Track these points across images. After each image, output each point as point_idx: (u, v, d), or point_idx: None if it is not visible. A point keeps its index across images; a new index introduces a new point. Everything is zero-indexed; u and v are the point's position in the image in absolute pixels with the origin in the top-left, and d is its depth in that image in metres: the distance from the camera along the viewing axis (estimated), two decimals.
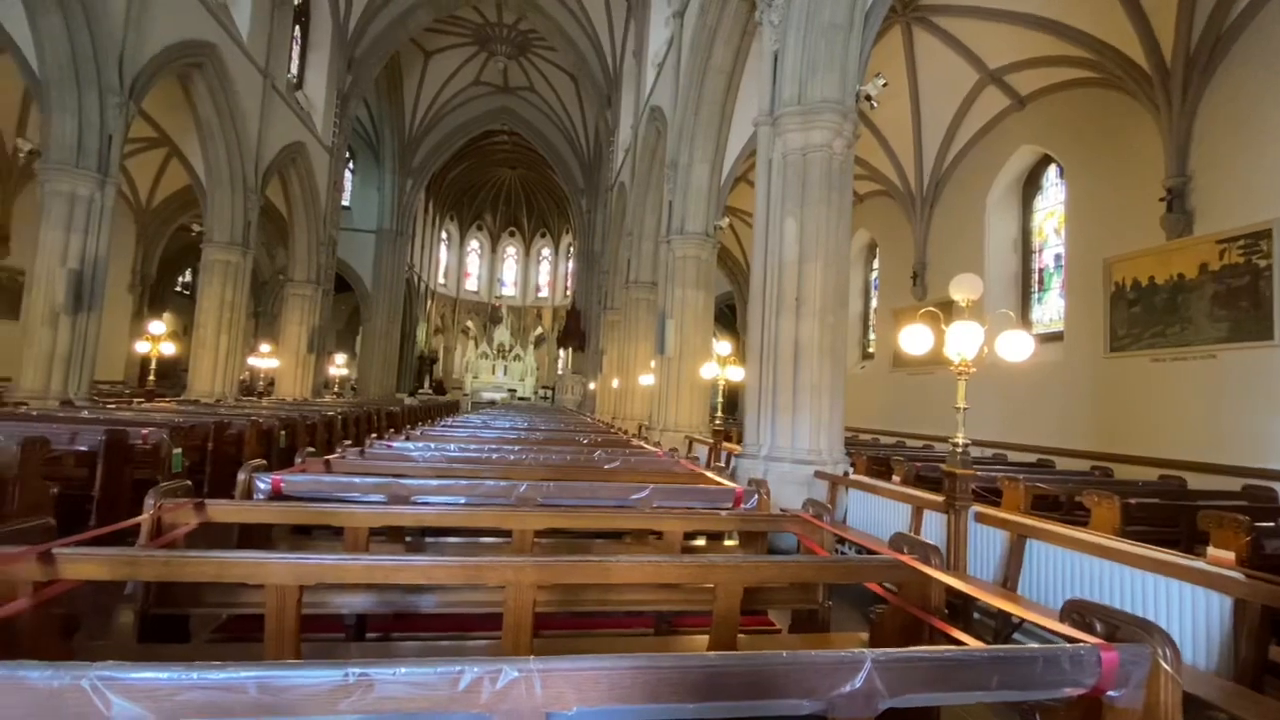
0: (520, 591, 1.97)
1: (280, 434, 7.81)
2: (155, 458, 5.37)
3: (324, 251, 19.19)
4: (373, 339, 26.35)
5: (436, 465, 4.69)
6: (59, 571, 1.78)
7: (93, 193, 9.75)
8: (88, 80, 9.59)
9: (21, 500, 4.04)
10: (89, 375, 9.86)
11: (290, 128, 16.50)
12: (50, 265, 9.46)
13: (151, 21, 10.66)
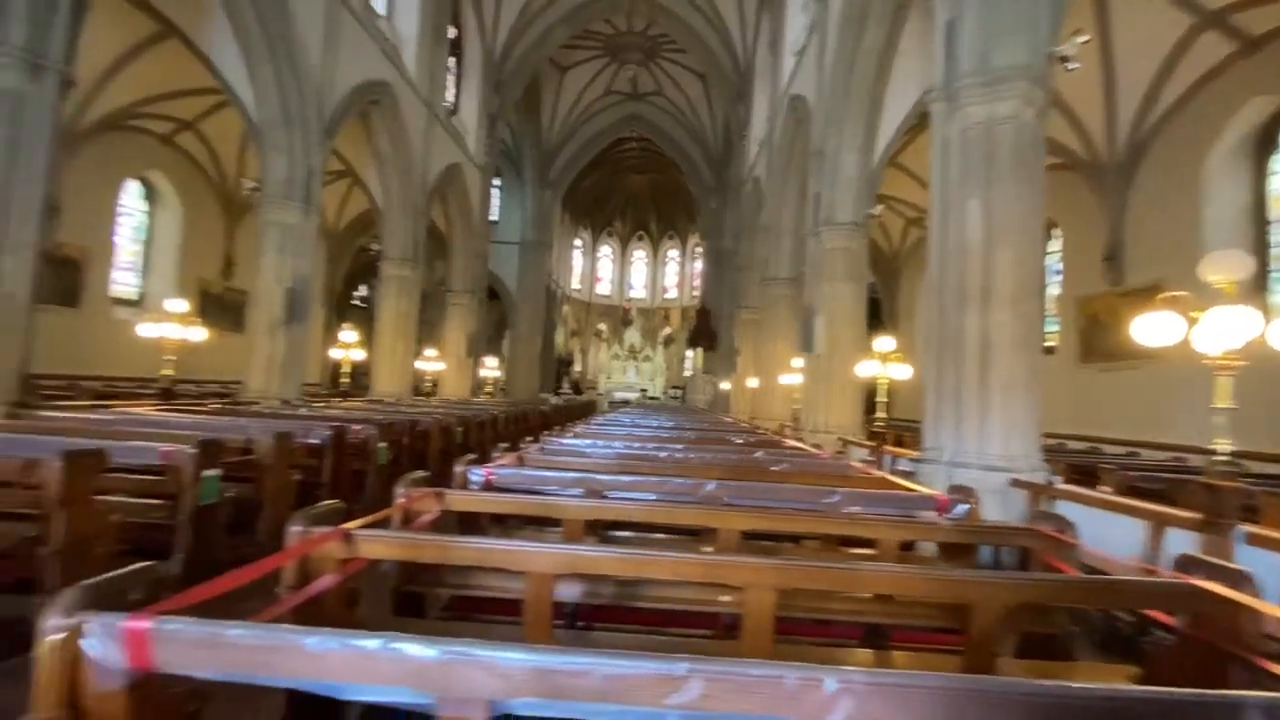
0: (760, 594, 1.92)
1: (458, 431, 8.53)
2: (364, 451, 6.06)
3: (478, 263, 20.81)
4: (518, 343, 28.15)
5: (613, 462, 4.82)
6: (356, 550, 2.01)
7: (300, 221, 11.31)
8: (294, 122, 11.13)
9: (272, 485, 4.72)
10: (300, 378, 11.44)
11: (448, 151, 18.06)
12: (269, 285, 11.10)
13: (340, 68, 12.16)
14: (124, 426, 5.41)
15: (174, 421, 5.83)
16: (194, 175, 16.01)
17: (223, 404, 9.60)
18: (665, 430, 8.38)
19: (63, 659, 1.18)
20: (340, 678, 1.17)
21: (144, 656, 1.18)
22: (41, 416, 5.90)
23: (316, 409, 9.27)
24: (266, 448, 4.56)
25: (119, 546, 3.35)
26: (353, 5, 12.59)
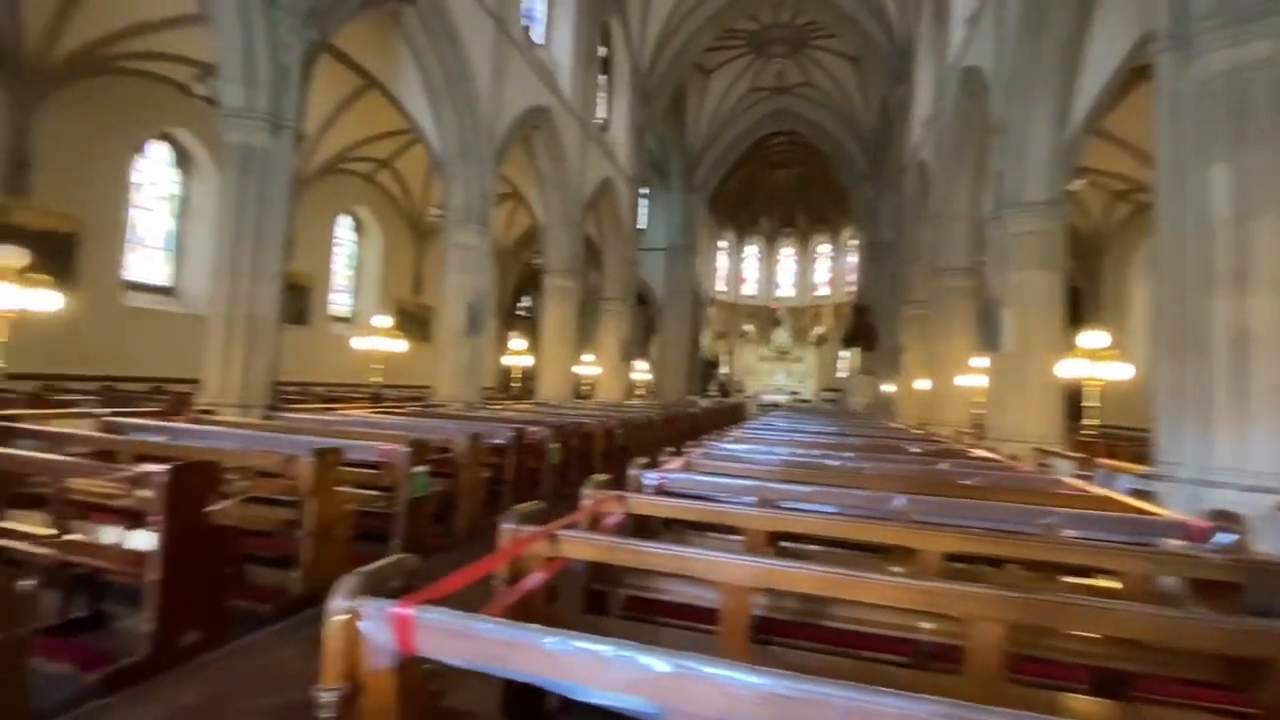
0: (988, 627, 1.71)
1: (619, 433, 8.84)
2: (539, 450, 6.48)
3: (629, 270, 21.53)
4: (666, 346, 28.65)
5: (781, 469, 4.66)
6: (559, 550, 2.11)
7: (476, 242, 12.48)
8: (469, 153, 12.32)
9: (466, 481, 5.20)
10: (479, 383, 12.61)
11: (601, 166, 18.90)
12: (453, 300, 12.38)
13: (506, 99, 13.23)
14: (346, 426, 6.31)
15: (385, 422, 6.68)
16: (390, 207, 18.39)
17: (419, 406, 10.88)
18: (828, 436, 7.98)
19: (345, 637, 1.35)
20: (574, 678, 1.21)
21: (408, 641, 1.32)
22: (286, 418, 7.09)
23: (494, 410, 10.14)
24: (462, 447, 5.04)
25: (350, 531, 3.88)
26: (516, 39, 13.65)
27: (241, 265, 7.71)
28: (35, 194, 10.16)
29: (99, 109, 11.04)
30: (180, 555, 2.80)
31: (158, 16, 10.87)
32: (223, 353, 7.62)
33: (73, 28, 10.12)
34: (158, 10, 10.79)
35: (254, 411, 7.51)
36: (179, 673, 2.75)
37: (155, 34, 11.12)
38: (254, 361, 7.76)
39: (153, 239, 12.65)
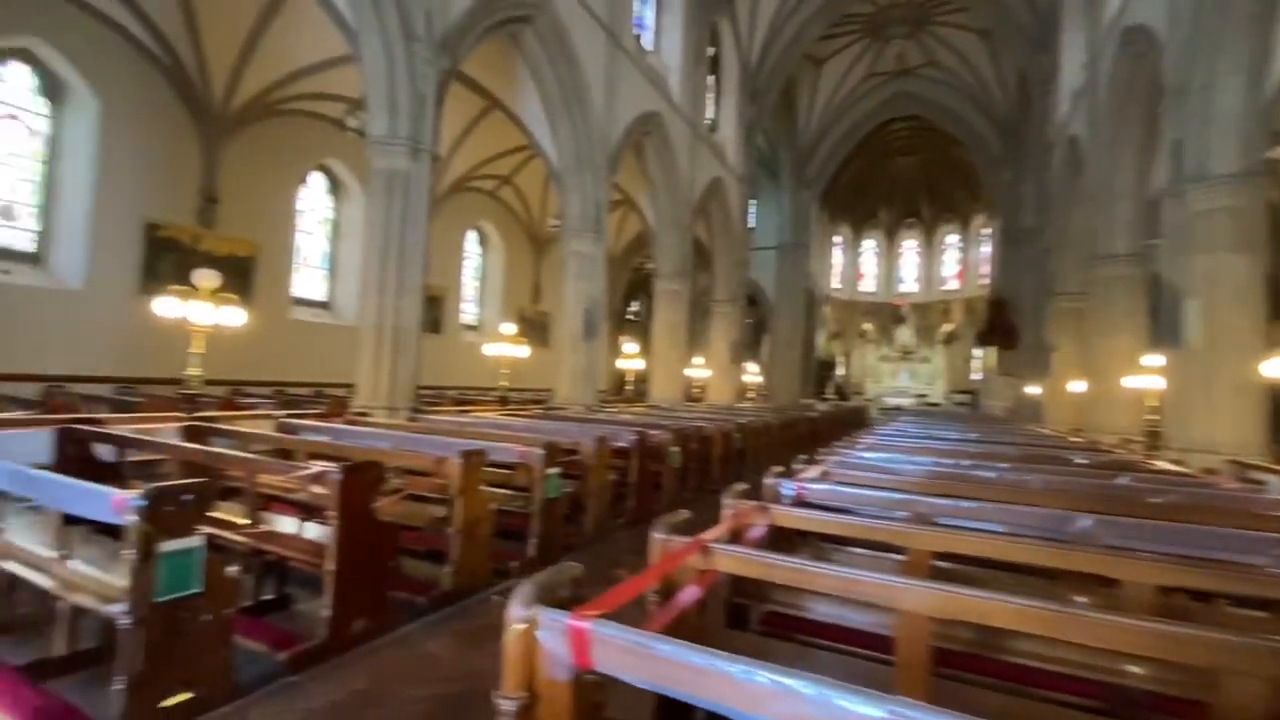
0: (1241, 683, 1.41)
1: (736, 437, 8.65)
2: (659, 454, 6.46)
3: (738, 271, 21.19)
4: (777, 348, 27.87)
5: (928, 480, 4.29)
6: (713, 563, 2.03)
7: (592, 250, 12.81)
8: (585, 164, 12.67)
9: (594, 483, 5.28)
10: (595, 386, 12.92)
11: (711, 167, 18.76)
12: (571, 307, 12.79)
13: (619, 108, 13.47)
14: (481, 428, 6.66)
15: (513, 424, 6.97)
16: (511, 221, 19.40)
17: (541, 409, 11.33)
18: (972, 444, 7.30)
19: (523, 646, 1.35)
20: (764, 712, 1.12)
21: (584, 654, 1.29)
22: (428, 419, 7.62)
23: (611, 413, 10.32)
24: (589, 450, 5.12)
25: (492, 529, 4.05)
26: (627, 48, 13.89)
27: (388, 280, 8.41)
28: (220, 224, 11.75)
29: (269, 147, 12.57)
30: (351, 548, 3.04)
31: (313, 61, 12.17)
32: (373, 360, 8.35)
33: (247, 80, 11.60)
34: (313, 55, 12.08)
35: (400, 414, 8.16)
36: (351, 657, 2.98)
37: (311, 77, 12.46)
38: (399, 368, 8.43)
39: (312, 259, 14.21)
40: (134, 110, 10.47)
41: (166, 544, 2.31)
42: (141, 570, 2.25)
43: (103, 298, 10.16)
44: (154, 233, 10.79)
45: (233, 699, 2.52)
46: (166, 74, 10.81)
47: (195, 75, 11.01)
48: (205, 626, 2.42)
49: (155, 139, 10.76)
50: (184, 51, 10.74)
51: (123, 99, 10.32)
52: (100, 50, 10.00)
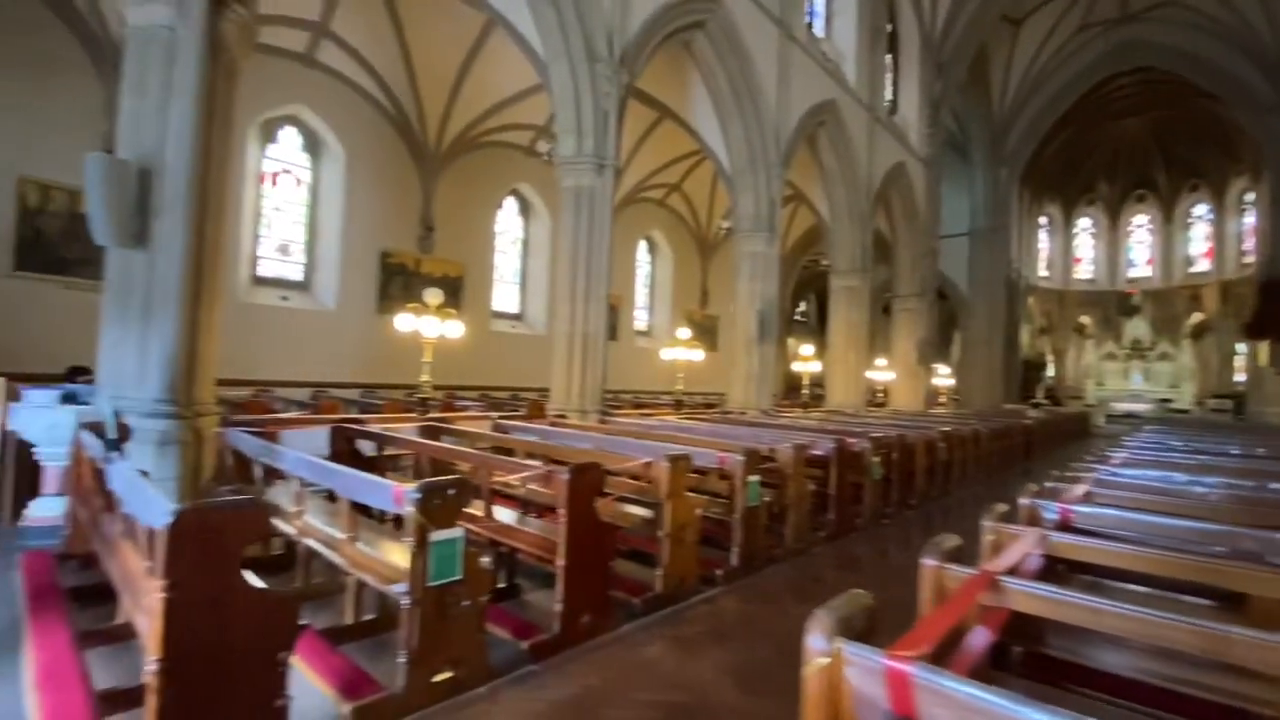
0: None
1: (941, 447, 7.82)
2: (858, 463, 6.01)
3: (925, 263, 19.38)
4: (972, 346, 25.04)
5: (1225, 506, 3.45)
6: (1002, 600, 1.74)
7: (765, 249, 12.51)
8: (758, 162, 12.41)
9: (793, 491, 5.03)
10: (770, 390, 12.57)
11: (891, 151, 17.40)
12: (744, 308, 12.59)
13: (792, 101, 13.01)
14: (666, 431, 6.74)
15: (699, 429, 6.95)
16: (679, 227, 19.71)
17: (715, 412, 11.28)
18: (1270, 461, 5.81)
19: (827, 683, 1.21)
20: None
21: (906, 702, 1.12)
22: (618, 422, 7.91)
23: (790, 418, 9.93)
24: (787, 457, 4.89)
25: (698, 535, 4.00)
26: (799, 38, 13.38)
27: (576, 290, 8.92)
28: (436, 249, 13.40)
29: (471, 177, 14.07)
30: (579, 545, 3.17)
31: (505, 95, 13.39)
32: (565, 366, 8.90)
33: (454, 120, 13.10)
34: (505, 91, 13.29)
35: (589, 416, 8.60)
36: (579, 652, 3.09)
37: (504, 110, 13.72)
38: (587, 373, 8.89)
39: (507, 275, 15.64)
40: (370, 157, 12.34)
41: (436, 534, 2.55)
42: (418, 556, 2.51)
43: (350, 316, 12.09)
44: (386, 259, 12.63)
45: (486, 680, 2.73)
46: (393, 123, 12.60)
47: (415, 122, 12.70)
48: (465, 612, 2.65)
49: (386, 179, 12.59)
50: (406, 103, 12.44)
51: (362, 148, 12.23)
52: (346, 109, 11.95)
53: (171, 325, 5.21)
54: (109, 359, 5.22)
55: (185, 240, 5.29)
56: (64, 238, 8.85)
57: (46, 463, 4.71)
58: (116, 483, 2.76)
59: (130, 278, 5.23)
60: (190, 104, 5.27)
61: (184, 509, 1.93)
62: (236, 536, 2.05)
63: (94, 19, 8.88)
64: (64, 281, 8.83)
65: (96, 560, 4.15)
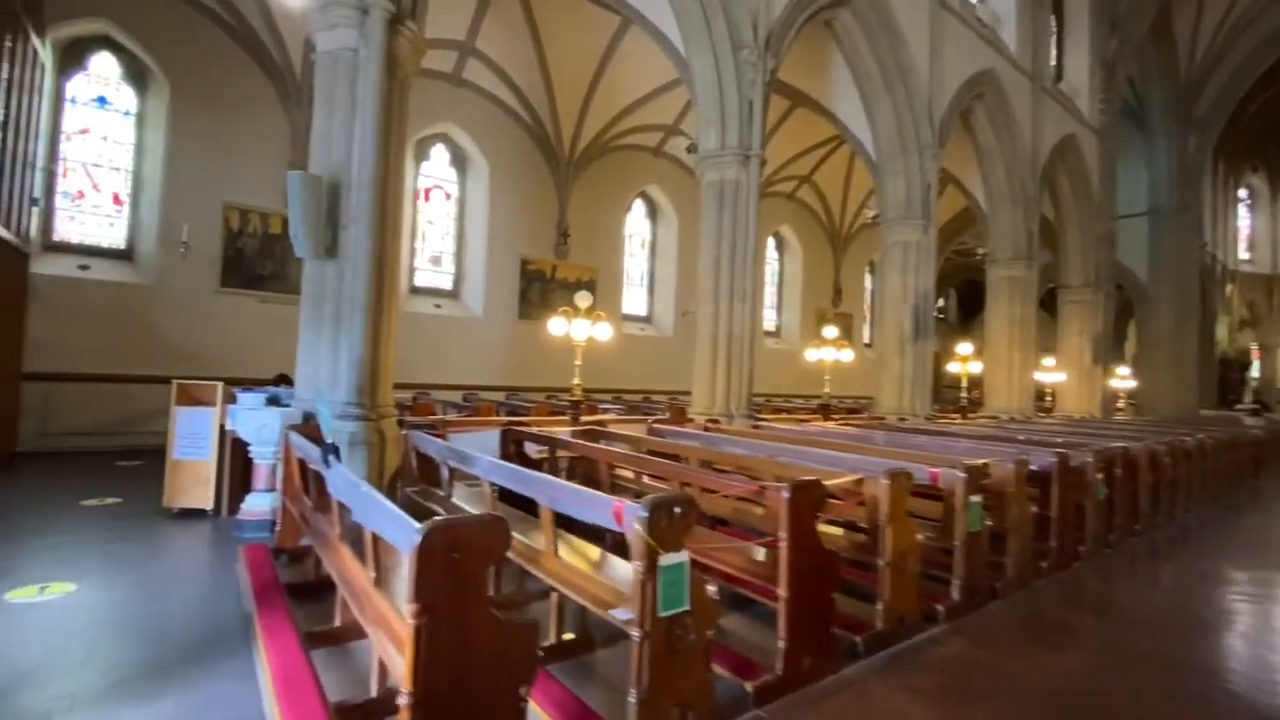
0: None
1: (1164, 461, 6.57)
2: (1079, 481, 5.11)
3: (1100, 249, 17.01)
4: (1154, 343, 21.69)
5: None
6: None
7: (920, 238, 11.43)
8: (909, 145, 11.38)
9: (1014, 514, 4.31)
10: (928, 393, 11.45)
11: (1058, 123, 15.42)
12: (894, 304, 11.58)
13: (946, 74, 11.82)
14: (833, 439, 6.16)
15: (875, 437, 6.30)
16: (809, 221, 18.77)
17: (868, 419, 10.43)
18: None
19: None
20: None
21: None
22: (775, 428, 7.43)
23: (962, 427, 8.90)
24: (1005, 474, 4.19)
25: (920, 565, 3.46)
26: (952, 5, 12.16)
27: (721, 288, 8.55)
28: (570, 255, 13.62)
29: (602, 182, 14.18)
30: (801, 575, 2.78)
31: (636, 98, 13.34)
32: (709, 368, 8.55)
33: (586, 127, 13.24)
34: (634, 94, 13.24)
35: (737, 420, 8.19)
36: (807, 698, 2.70)
37: (634, 112, 13.68)
38: (734, 375, 8.49)
39: (636, 278, 15.62)
40: (510, 168, 12.78)
41: (665, 558, 2.27)
42: (646, 582, 2.23)
43: (495, 322, 12.57)
44: (526, 266, 13.01)
45: None
46: (531, 134, 12.96)
47: (551, 131, 12.99)
48: (692, 646, 2.34)
49: (524, 189, 12.98)
50: (543, 113, 12.75)
51: (503, 160, 12.68)
52: (489, 124, 12.46)
53: (359, 331, 5.46)
54: (306, 364, 5.58)
55: (369, 250, 5.53)
56: (259, 256, 9.87)
57: (258, 461, 5.08)
58: (340, 491, 2.75)
59: (322, 287, 5.55)
60: (373, 118, 5.51)
61: (433, 527, 1.77)
62: (481, 556, 1.86)
63: (280, 57, 9.84)
64: (259, 296, 9.84)
65: (305, 554, 4.38)
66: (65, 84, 8.90)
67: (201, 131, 9.47)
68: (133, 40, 9.11)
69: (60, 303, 8.41)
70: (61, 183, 8.93)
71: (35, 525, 4.83)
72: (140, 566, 3.99)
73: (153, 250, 9.22)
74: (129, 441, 8.58)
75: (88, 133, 9.13)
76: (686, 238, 15.78)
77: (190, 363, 9.00)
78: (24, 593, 3.48)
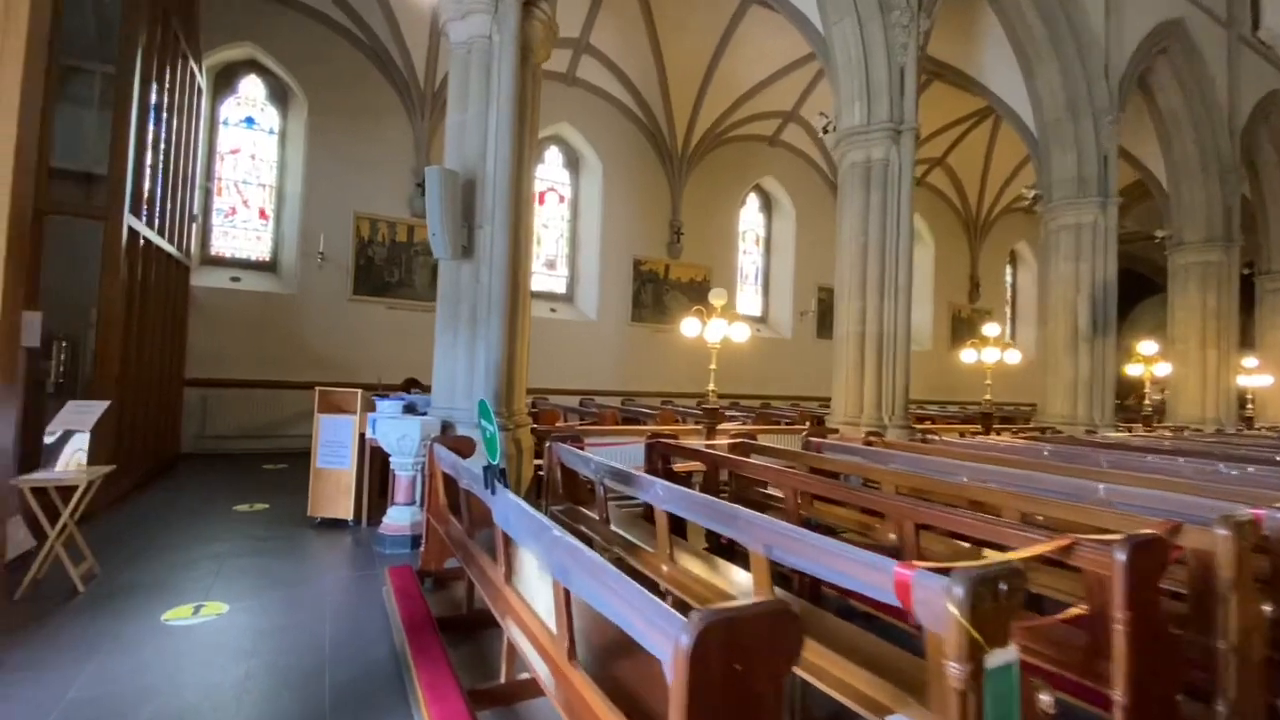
0: None
1: None
2: None
3: None
4: None
5: None
6: None
7: (1096, 217, 9.81)
8: (1080, 111, 9.80)
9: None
10: (1108, 399, 9.79)
11: (1260, 78, 12.94)
12: (1060, 295, 10.02)
13: (1125, 26, 10.13)
14: (1032, 458, 5.09)
15: (1087, 456, 5.16)
16: (941, 208, 17.06)
17: (1038, 429, 9.02)
18: None
19: None
20: None
21: None
22: (945, 441, 6.41)
23: (1172, 441, 7.38)
24: None
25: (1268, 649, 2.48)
26: None
27: (869, 281, 7.60)
28: (683, 253, 13.04)
29: (715, 176, 13.50)
30: (1142, 670, 1.95)
31: (751, 85, 12.57)
32: (855, 372, 7.62)
33: (700, 120, 12.61)
34: (751, 79, 12.47)
35: (892, 431, 7.21)
36: None
37: (750, 100, 12.90)
38: (885, 381, 7.51)
39: (750, 276, 14.78)
40: (623, 166, 12.39)
41: (992, 656, 1.54)
42: (968, 694, 1.52)
43: (608, 325, 12.22)
44: (639, 267, 12.57)
45: None
46: (643, 130, 12.53)
47: (664, 126, 12.48)
48: None
49: (638, 187, 12.55)
50: (655, 107, 12.27)
51: (616, 159, 12.32)
52: (601, 122, 12.14)
53: (496, 334, 5.11)
54: (442, 369, 5.31)
55: (506, 248, 5.18)
56: (386, 264, 10.05)
57: (398, 472, 4.84)
58: (519, 531, 2.25)
59: (458, 289, 5.26)
60: (508, 106, 5.16)
61: (707, 624, 1.16)
62: (769, 665, 1.24)
63: (406, 68, 9.98)
64: (387, 303, 10.02)
65: (451, 577, 4.03)
66: (219, 107, 9.45)
67: (335, 145, 9.77)
68: (276, 62, 9.54)
69: (214, 313, 8.89)
70: (216, 200, 9.49)
71: (194, 532, 4.84)
72: (288, 587, 3.77)
73: (294, 261, 9.60)
74: (275, 445, 8.92)
75: (238, 152, 9.66)
76: (805, 232, 14.76)
77: (327, 368, 9.27)
78: (179, 613, 3.31)
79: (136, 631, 3.08)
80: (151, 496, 6.02)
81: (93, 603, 3.39)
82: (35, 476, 3.49)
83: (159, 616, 3.25)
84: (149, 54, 6.58)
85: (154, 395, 6.92)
